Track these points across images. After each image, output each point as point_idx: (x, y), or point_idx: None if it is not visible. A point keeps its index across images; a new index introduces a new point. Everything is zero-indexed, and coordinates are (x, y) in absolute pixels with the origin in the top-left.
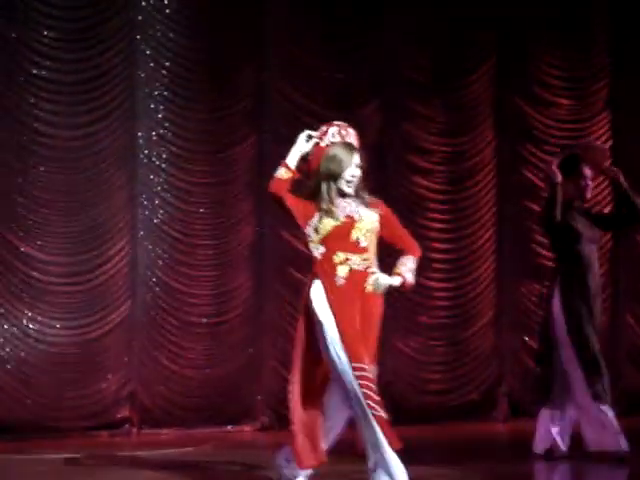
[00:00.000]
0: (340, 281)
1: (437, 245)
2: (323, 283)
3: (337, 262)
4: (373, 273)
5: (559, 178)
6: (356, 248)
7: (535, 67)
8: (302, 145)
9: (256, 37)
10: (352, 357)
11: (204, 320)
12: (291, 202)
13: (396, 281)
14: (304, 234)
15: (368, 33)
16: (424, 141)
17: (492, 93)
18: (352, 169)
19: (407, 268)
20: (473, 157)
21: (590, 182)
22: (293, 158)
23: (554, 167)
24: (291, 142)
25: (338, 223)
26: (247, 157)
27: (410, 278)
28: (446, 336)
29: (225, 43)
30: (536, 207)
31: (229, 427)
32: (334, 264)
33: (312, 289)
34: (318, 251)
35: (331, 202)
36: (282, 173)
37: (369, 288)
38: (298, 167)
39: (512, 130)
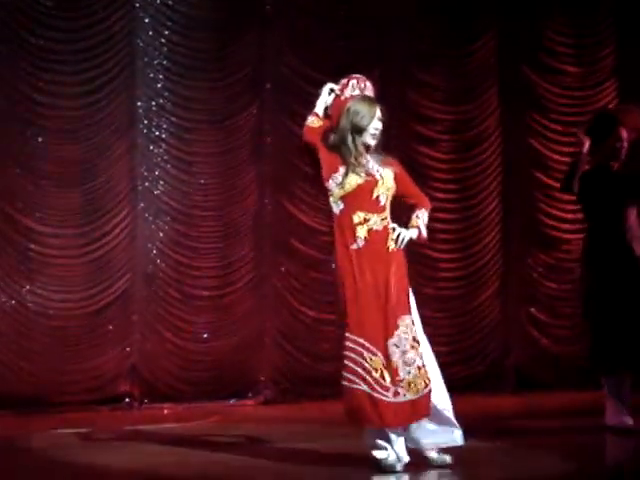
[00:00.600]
0: (360, 242)
1: (442, 215)
2: (340, 243)
3: (356, 222)
4: (394, 230)
5: (586, 147)
6: (376, 207)
7: (540, 34)
8: (326, 96)
9: (258, 5)
10: (352, 328)
11: (205, 293)
12: (323, 154)
13: (414, 233)
14: (325, 188)
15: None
16: (428, 109)
17: (497, 61)
18: (375, 122)
19: (422, 221)
20: (478, 126)
21: (626, 144)
22: (320, 108)
23: (581, 135)
24: (293, 111)
25: (362, 181)
26: (248, 127)
27: (424, 231)
28: (451, 307)
29: (226, 11)
30: (542, 176)
31: (232, 401)
32: (354, 224)
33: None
34: (338, 207)
35: (359, 155)
36: (314, 121)
37: (392, 245)
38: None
39: (517, 98)
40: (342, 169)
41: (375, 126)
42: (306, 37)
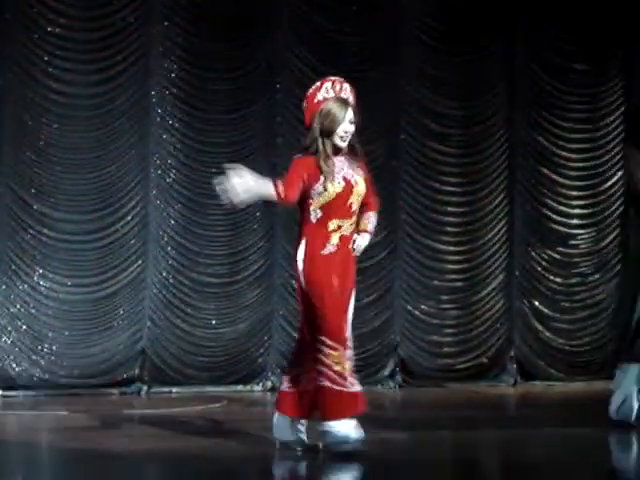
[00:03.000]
0: (331, 249)
1: (448, 209)
2: (311, 249)
3: (331, 230)
4: (355, 240)
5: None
6: (348, 213)
7: (548, 32)
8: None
9: None
10: (330, 333)
11: (214, 280)
12: (305, 177)
13: (368, 239)
14: (307, 199)
15: None
16: (437, 105)
17: (506, 58)
18: (345, 125)
19: (372, 225)
20: (486, 121)
21: None
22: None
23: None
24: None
25: (340, 189)
26: (261, 117)
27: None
28: (456, 300)
29: (240, 2)
30: (548, 172)
31: (239, 387)
32: (328, 232)
33: (300, 252)
34: (316, 216)
35: (327, 157)
36: (281, 189)
37: (354, 253)
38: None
39: (525, 95)
40: (322, 178)
41: (345, 129)
42: (319, 31)
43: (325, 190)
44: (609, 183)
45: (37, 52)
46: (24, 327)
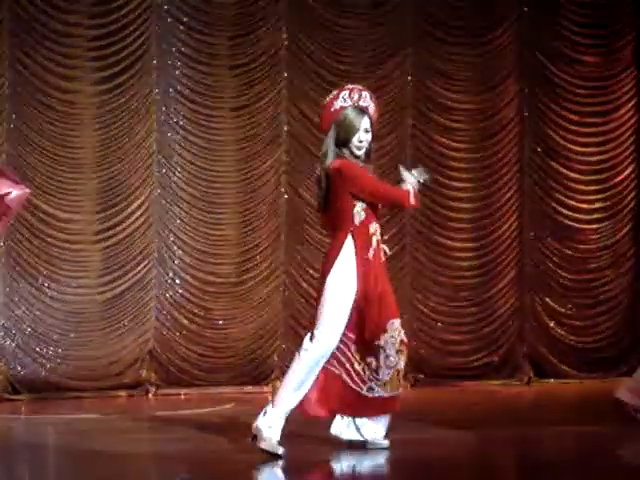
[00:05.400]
0: (372, 253)
1: (459, 204)
2: (356, 253)
3: (372, 232)
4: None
5: None
6: (380, 217)
7: (559, 24)
8: None
9: None
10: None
11: (221, 280)
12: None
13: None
14: (354, 199)
15: None
16: (446, 98)
17: (515, 50)
18: (361, 134)
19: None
20: (495, 115)
21: None
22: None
23: None
24: (312, 99)
25: None
26: (267, 114)
27: None
28: (467, 296)
29: None
30: (559, 166)
31: (248, 388)
32: (370, 234)
33: (344, 254)
34: (360, 218)
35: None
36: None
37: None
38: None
39: (535, 88)
40: None
41: (360, 138)
42: (326, 25)
43: None
44: (621, 177)
45: (39, 50)
46: (29, 329)
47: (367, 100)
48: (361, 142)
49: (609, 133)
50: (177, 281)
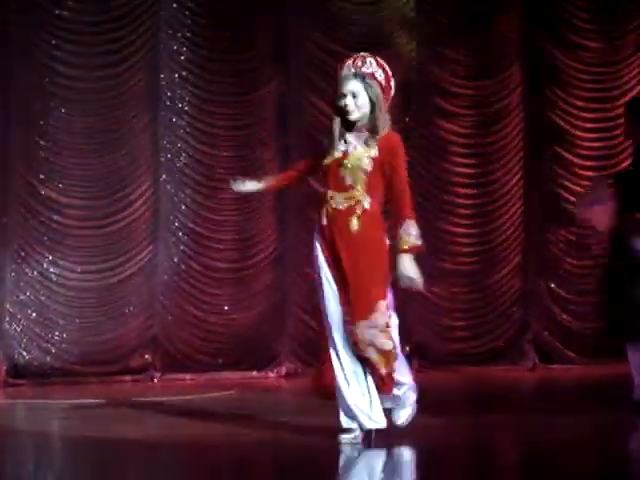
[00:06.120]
0: (324, 221)
1: (463, 190)
2: (317, 222)
3: (325, 200)
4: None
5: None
6: (341, 186)
7: (563, 9)
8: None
9: None
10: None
11: (226, 265)
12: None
13: (409, 261)
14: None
15: None
16: (450, 84)
17: (519, 36)
18: (346, 98)
19: (413, 237)
20: (500, 101)
21: None
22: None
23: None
24: (316, 85)
25: (332, 159)
26: (271, 100)
27: (419, 243)
28: (471, 282)
29: None
30: (563, 152)
31: (253, 373)
32: (324, 202)
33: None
34: (322, 188)
35: (334, 135)
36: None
37: (355, 227)
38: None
39: (540, 74)
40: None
41: (345, 102)
42: (330, 12)
43: (325, 158)
44: (627, 162)
45: (43, 35)
46: (34, 315)
47: (372, 66)
48: (346, 106)
49: (614, 119)
50: (182, 266)
